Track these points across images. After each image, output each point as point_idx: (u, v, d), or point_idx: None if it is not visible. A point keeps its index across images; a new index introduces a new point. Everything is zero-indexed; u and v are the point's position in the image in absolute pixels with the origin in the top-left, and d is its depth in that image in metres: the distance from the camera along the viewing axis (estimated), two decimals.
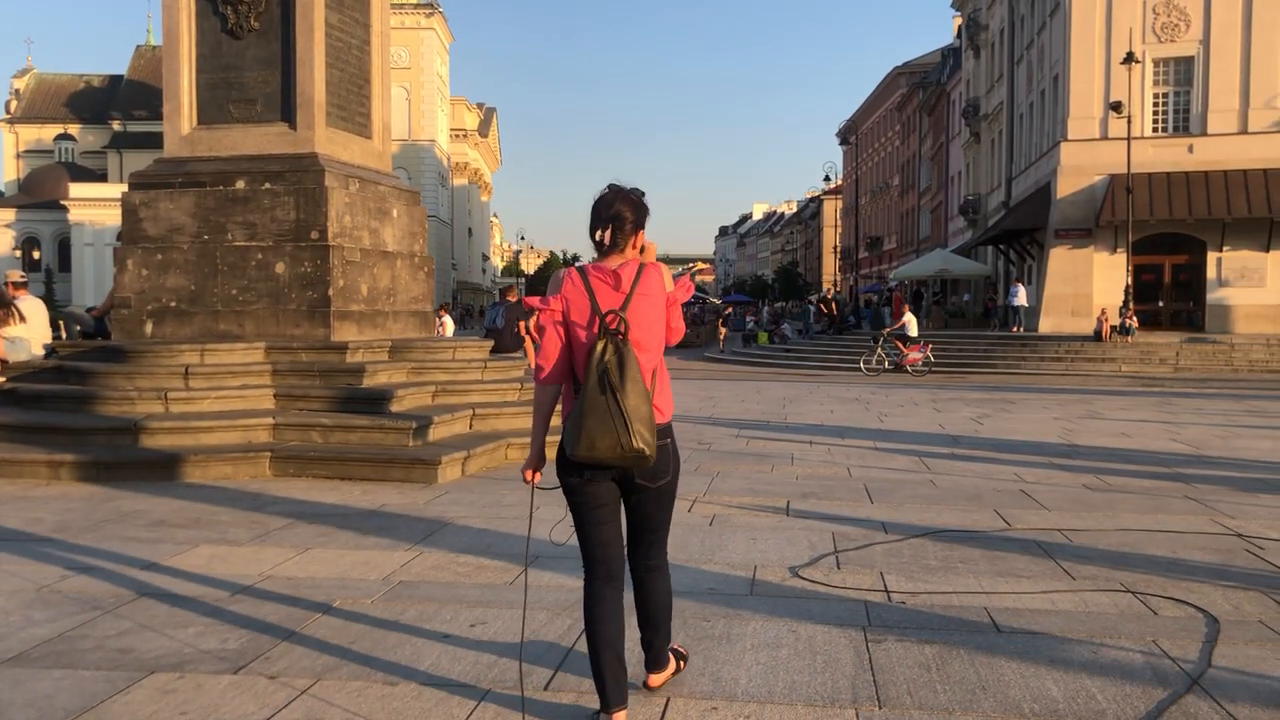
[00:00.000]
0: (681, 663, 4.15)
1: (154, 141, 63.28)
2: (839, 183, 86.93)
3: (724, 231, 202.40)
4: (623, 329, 3.50)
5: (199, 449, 9.11)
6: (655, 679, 4.00)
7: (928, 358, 26.83)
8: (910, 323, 28.23)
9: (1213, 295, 32.49)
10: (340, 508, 7.63)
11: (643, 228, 3.73)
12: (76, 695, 3.96)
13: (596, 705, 3.68)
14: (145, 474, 8.79)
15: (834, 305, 45.74)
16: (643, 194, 3.75)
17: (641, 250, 3.74)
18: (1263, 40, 31.60)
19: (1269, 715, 3.77)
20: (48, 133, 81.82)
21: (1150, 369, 26.55)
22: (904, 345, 27.45)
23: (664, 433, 3.67)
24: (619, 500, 3.75)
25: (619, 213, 3.66)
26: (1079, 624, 4.83)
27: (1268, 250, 31.84)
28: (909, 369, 26.60)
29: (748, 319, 50.94)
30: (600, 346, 3.49)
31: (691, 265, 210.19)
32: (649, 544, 3.83)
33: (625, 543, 3.84)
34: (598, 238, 3.68)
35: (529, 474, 3.84)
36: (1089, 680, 4.10)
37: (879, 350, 27.80)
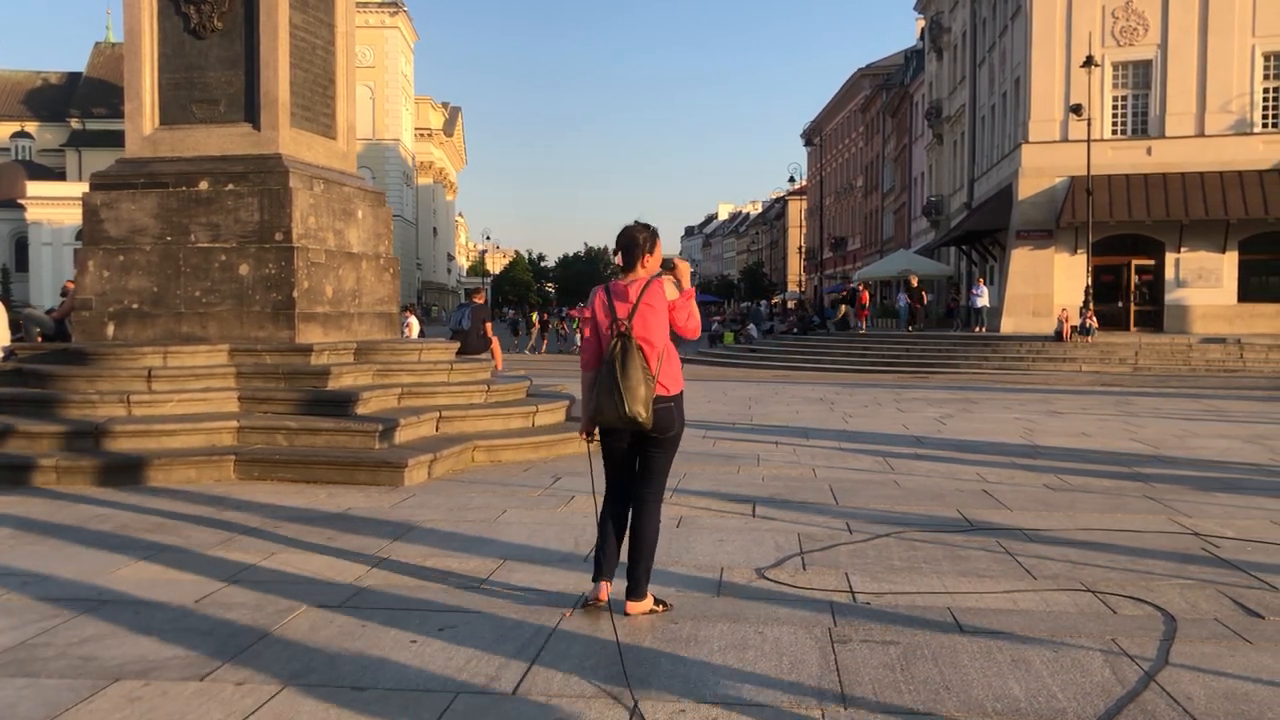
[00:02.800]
0: (660, 606, 5.05)
1: (114, 140, 62.41)
2: (804, 184, 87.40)
3: (690, 232, 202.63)
4: (628, 329, 4.78)
5: (162, 452, 9.03)
6: (632, 606, 4.95)
7: None
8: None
9: (1171, 296, 32.97)
10: (306, 511, 7.60)
11: (650, 252, 4.97)
12: (40, 704, 3.93)
13: (563, 711, 3.83)
14: (107, 478, 8.70)
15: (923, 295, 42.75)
16: (653, 228, 5.04)
17: (670, 267, 5.00)
18: (1219, 45, 32.10)
19: (1224, 710, 3.86)
20: (4, 130, 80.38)
21: (1110, 369, 26.90)
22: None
23: (667, 400, 4.89)
24: (633, 452, 5.03)
25: (631, 240, 4.98)
26: (1040, 623, 4.91)
27: (1224, 251, 32.36)
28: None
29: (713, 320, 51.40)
30: (613, 343, 4.79)
31: None
32: (645, 479, 5.04)
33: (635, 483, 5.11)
34: (617, 261, 5.01)
35: (583, 435, 5.14)
36: (1050, 679, 4.17)
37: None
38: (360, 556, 6.21)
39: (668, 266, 5.01)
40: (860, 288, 45.00)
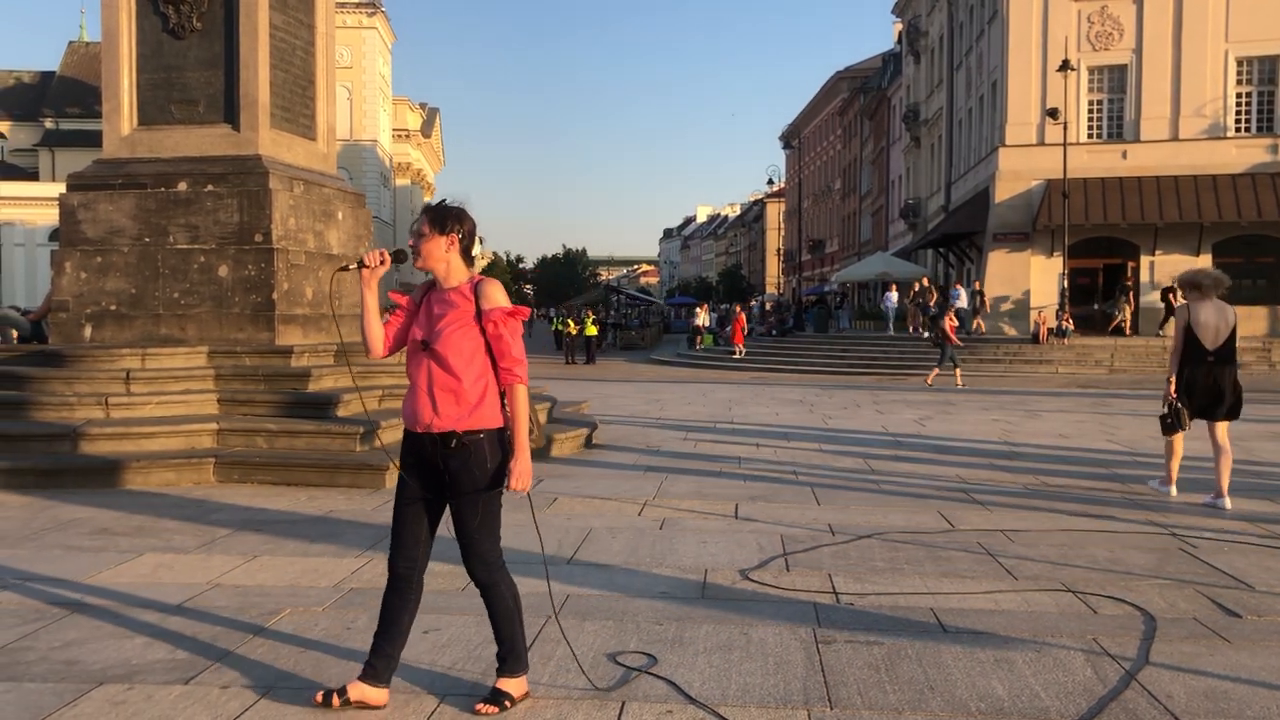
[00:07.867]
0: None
1: (88, 140, 61.81)
2: (782, 186, 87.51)
3: (668, 234, 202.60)
4: None
5: (141, 455, 8.97)
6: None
7: None
8: None
9: (1145, 298, 33.24)
10: (287, 514, 7.56)
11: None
12: (23, 709, 3.90)
13: (551, 711, 3.81)
14: (85, 481, 8.63)
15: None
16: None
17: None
18: (1192, 50, 32.39)
19: (1203, 709, 3.90)
20: None
21: (1086, 370, 27.10)
22: None
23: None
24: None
25: None
26: (1022, 623, 4.95)
27: (1198, 254, 32.58)
28: None
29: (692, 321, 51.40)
30: None
31: (635, 267, 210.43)
32: None
33: None
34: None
35: None
36: (1032, 678, 4.21)
37: None
38: (343, 559, 6.19)
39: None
40: (737, 309, 44.61)
